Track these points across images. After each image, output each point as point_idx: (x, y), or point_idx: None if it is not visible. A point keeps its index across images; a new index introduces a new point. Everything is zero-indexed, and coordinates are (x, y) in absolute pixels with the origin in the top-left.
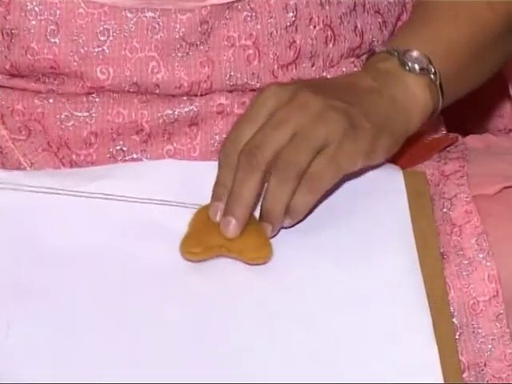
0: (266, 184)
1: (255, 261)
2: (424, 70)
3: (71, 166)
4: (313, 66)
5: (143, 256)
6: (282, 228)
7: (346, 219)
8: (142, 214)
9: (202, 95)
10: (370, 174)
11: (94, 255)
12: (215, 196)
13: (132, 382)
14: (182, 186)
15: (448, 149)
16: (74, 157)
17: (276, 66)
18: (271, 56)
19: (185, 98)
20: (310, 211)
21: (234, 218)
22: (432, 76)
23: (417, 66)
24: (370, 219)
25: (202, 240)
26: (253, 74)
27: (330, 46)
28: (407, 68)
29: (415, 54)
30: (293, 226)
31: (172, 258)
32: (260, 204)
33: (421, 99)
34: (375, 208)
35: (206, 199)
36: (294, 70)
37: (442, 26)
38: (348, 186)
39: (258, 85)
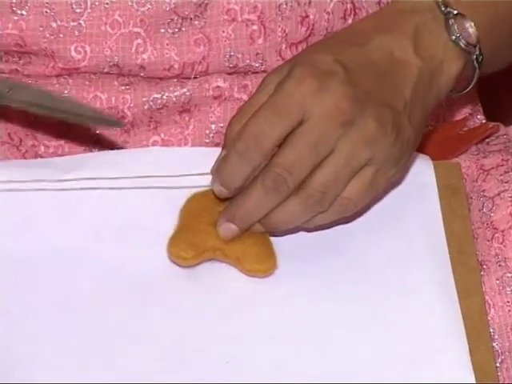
0: None
1: (253, 273)
2: (469, 47)
3: None
4: None
5: (123, 261)
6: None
7: (365, 220)
8: (121, 212)
9: (195, 78)
10: None
11: (66, 260)
12: (221, 182)
13: None
14: (170, 177)
15: (487, 140)
16: (41, 149)
17: (284, 45)
18: (279, 33)
19: (175, 80)
20: None
21: (236, 227)
22: (474, 57)
23: (463, 41)
24: (394, 220)
25: (194, 242)
26: (257, 54)
27: (349, 21)
28: (452, 38)
29: (468, 24)
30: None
31: (157, 261)
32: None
33: (453, 76)
34: (400, 207)
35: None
36: None
37: None
38: None
39: (262, 67)
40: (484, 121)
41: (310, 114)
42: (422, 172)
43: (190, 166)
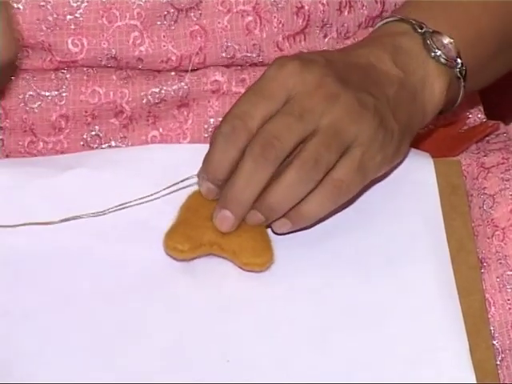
0: None
1: (250, 267)
2: (450, 62)
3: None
4: (325, 36)
5: (123, 261)
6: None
7: (364, 217)
8: (122, 210)
9: (193, 70)
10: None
11: (66, 259)
12: (209, 175)
13: None
14: (167, 175)
15: (487, 138)
16: (40, 145)
17: (281, 37)
18: (275, 24)
19: (173, 73)
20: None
21: (232, 214)
22: (457, 70)
23: (443, 56)
24: (394, 218)
25: (191, 235)
26: (254, 45)
27: (345, 13)
28: (432, 54)
29: (446, 40)
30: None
31: (158, 261)
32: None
33: (438, 93)
34: (400, 204)
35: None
36: (303, 42)
37: (472, 7)
38: None
39: (260, 58)
40: (484, 119)
41: (294, 93)
42: (423, 169)
43: (188, 163)
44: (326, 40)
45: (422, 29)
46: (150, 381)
